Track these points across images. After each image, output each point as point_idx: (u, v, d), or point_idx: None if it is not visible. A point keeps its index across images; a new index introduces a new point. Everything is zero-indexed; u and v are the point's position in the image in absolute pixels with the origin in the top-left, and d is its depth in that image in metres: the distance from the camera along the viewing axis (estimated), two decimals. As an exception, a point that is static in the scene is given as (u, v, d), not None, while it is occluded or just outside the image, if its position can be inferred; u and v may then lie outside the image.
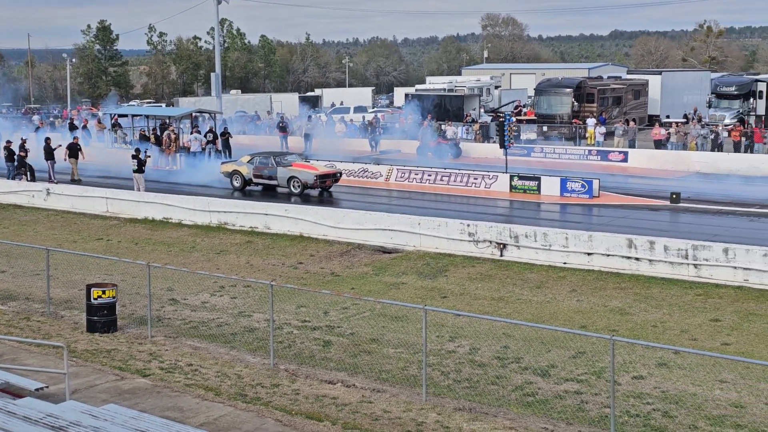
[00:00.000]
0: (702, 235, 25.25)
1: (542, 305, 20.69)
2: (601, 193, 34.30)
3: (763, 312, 19.74)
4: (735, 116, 57.99)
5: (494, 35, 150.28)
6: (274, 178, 35.61)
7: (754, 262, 21.93)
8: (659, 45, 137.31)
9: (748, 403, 14.36)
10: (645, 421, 13.79)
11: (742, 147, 45.07)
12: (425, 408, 14.45)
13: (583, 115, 56.08)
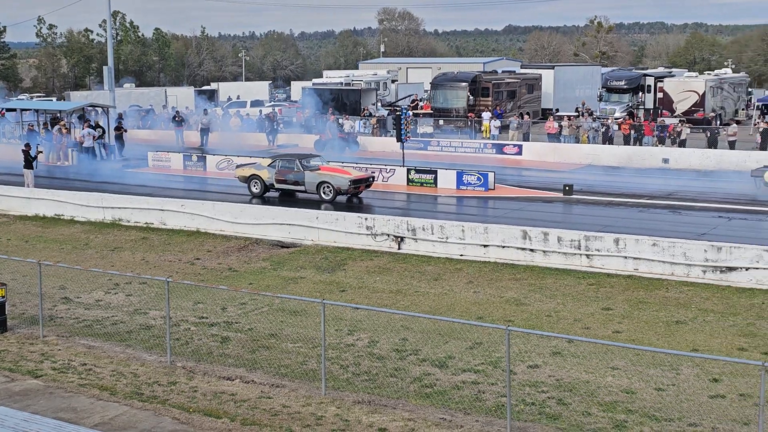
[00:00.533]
0: (594, 226, 25.87)
1: (440, 297, 20.89)
2: (496, 186, 34.81)
3: (652, 300, 20.34)
4: (625, 110, 59.61)
5: (391, 29, 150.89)
6: (300, 183, 32.27)
7: (643, 251, 22.57)
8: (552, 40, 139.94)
9: (639, 389, 14.78)
10: (540, 409, 14.07)
11: (632, 140, 46.30)
12: (324, 402, 14.45)
13: (478, 108, 56.81)
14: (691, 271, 22.02)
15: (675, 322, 18.73)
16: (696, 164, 40.51)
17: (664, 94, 58.23)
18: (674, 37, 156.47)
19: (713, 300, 20.26)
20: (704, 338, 17.66)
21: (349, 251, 25.54)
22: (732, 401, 14.24)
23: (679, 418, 13.55)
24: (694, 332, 18.05)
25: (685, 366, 15.75)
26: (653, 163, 41.28)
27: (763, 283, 21.17)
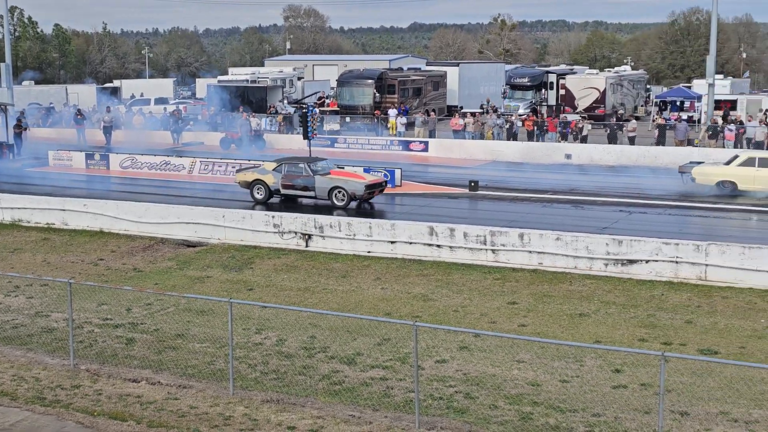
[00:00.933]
0: (499, 222, 26.22)
1: (348, 294, 20.90)
2: (403, 183, 34.99)
3: (557, 293, 20.71)
4: (528, 106, 60.63)
5: (296, 26, 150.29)
6: (310, 188, 30.40)
7: (547, 246, 22.96)
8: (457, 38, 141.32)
9: (544, 381, 15.03)
10: (448, 403, 14.19)
11: (536, 136, 47.06)
12: (233, 402, 14.32)
13: (384, 106, 57.02)
14: (594, 265, 22.49)
15: (578, 314, 19.10)
16: (598, 159, 41.40)
17: (567, 91, 59.34)
18: (576, 36, 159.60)
19: (615, 292, 20.73)
20: (607, 330, 18.05)
21: (257, 249, 25.36)
22: (634, 391, 14.59)
23: (583, 409, 13.82)
24: (597, 324, 18.44)
25: (588, 358, 16.07)
26: (556, 158, 42.03)
27: (662, 274, 21.75)
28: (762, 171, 30.89)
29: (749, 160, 31.56)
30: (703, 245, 21.58)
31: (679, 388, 14.55)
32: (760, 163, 31.26)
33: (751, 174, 31.04)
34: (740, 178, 31.30)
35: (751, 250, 21.22)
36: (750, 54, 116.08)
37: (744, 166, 31.44)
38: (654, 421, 12.87)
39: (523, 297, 20.44)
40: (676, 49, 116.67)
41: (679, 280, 21.51)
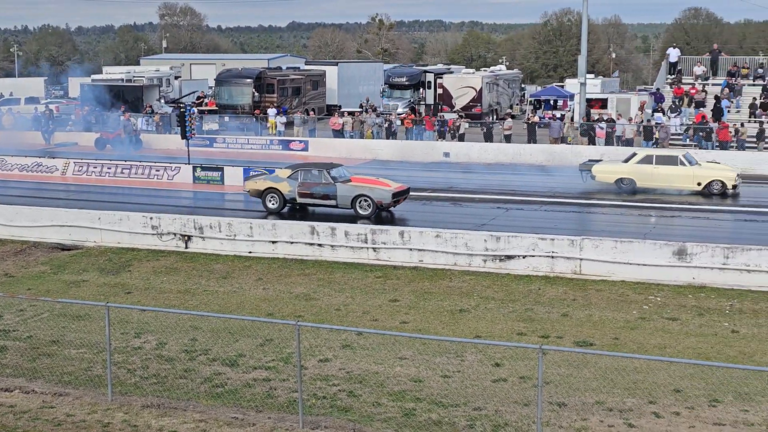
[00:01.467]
0: (380, 220, 26.34)
1: (229, 295, 20.67)
2: (283, 182, 34.73)
3: (436, 290, 20.94)
4: (407, 105, 61.12)
5: (172, 25, 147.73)
6: (331, 197, 28.14)
7: (427, 243, 23.19)
8: (335, 37, 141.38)
9: (426, 377, 15.18)
10: (332, 402, 14.18)
11: (414, 134, 47.43)
12: (111, 408, 13.97)
13: (264, 105, 56.58)
14: (473, 261, 22.84)
15: (459, 310, 19.36)
16: (475, 157, 42.02)
17: (444, 90, 60.06)
18: (452, 35, 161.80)
19: (494, 288, 21.09)
20: (486, 325, 18.35)
21: (135, 252, 24.83)
22: (513, 384, 14.88)
23: (465, 403, 14.01)
24: (477, 319, 18.73)
25: (469, 353, 16.30)
26: (435, 157, 42.50)
27: (538, 269, 22.25)
28: (659, 168, 31.85)
29: (647, 158, 32.50)
30: (578, 240, 22.17)
31: (557, 379, 14.91)
32: (658, 160, 32.21)
33: (649, 171, 31.95)
34: (639, 176, 32.15)
35: (622, 244, 21.92)
36: (619, 54, 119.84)
37: (642, 164, 32.32)
38: (533, 413, 13.14)
39: (404, 294, 20.60)
40: (549, 49, 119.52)
41: (555, 275, 22.05)
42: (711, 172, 31.84)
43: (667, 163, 31.97)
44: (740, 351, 16.77)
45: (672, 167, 31.77)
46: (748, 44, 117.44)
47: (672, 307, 19.56)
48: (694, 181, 31.65)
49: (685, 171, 31.62)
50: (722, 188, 31.37)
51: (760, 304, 19.69)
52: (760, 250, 21.15)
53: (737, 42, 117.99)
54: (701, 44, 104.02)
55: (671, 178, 31.83)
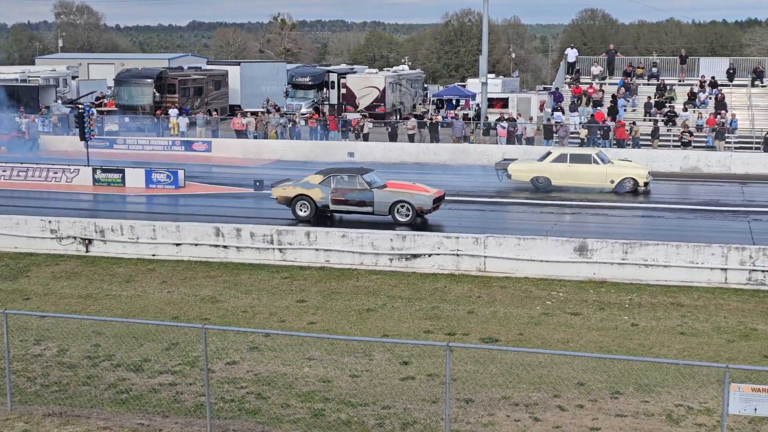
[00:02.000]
0: (286, 221, 26.25)
1: (133, 299, 20.31)
2: (186, 183, 34.36)
3: (344, 290, 20.96)
4: (311, 105, 61.01)
5: (69, 24, 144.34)
6: (368, 203, 26.95)
7: (333, 243, 23.19)
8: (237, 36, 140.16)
9: (335, 377, 15.17)
10: (240, 405, 14.06)
11: (318, 134, 47.38)
12: (11, 418, 13.57)
13: (165, 105, 55.78)
14: (379, 260, 22.92)
15: (366, 309, 19.41)
16: (380, 157, 42.19)
17: (348, 90, 60.16)
18: (355, 35, 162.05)
19: (401, 287, 21.21)
20: (394, 323, 18.44)
21: (33, 257, 24.20)
22: (421, 382, 14.98)
23: (374, 402, 14.05)
24: (385, 318, 18.80)
25: (377, 352, 16.36)
26: (339, 157, 42.52)
27: (444, 267, 22.46)
28: (573, 167, 32.45)
29: (561, 157, 33.10)
30: (482, 238, 22.44)
31: (464, 376, 15.07)
32: (572, 159, 32.86)
33: (564, 170, 32.51)
34: (554, 174, 32.67)
35: (525, 241, 22.28)
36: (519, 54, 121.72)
37: (557, 162, 32.91)
38: (441, 410, 13.25)
39: (311, 295, 20.56)
40: (451, 49, 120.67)
41: (461, 272, 22.29)
42: (623, 170, 32.64)
43: (581, 162, 32.67)
44: (640, 343, 17.22)
45: (586, 165, 32.47)
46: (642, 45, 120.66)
47: (574, 302, 19.97)
48: (607, 179, 32.41)
49: (598, 169, 32.34)
50: (634, 186, 32.19)
51: (658, 298, 20.26)
52: (657, 246, 21.76)
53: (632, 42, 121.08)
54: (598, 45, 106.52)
55: (585, 176, 32.53)
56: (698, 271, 21.39)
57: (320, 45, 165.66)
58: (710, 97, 46.54)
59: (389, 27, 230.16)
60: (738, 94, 47.68)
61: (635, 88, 48.33)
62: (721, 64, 50.70)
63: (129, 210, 30.79)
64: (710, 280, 21.29)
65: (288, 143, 44.95)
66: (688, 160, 39.15)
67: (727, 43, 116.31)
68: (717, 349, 16.86)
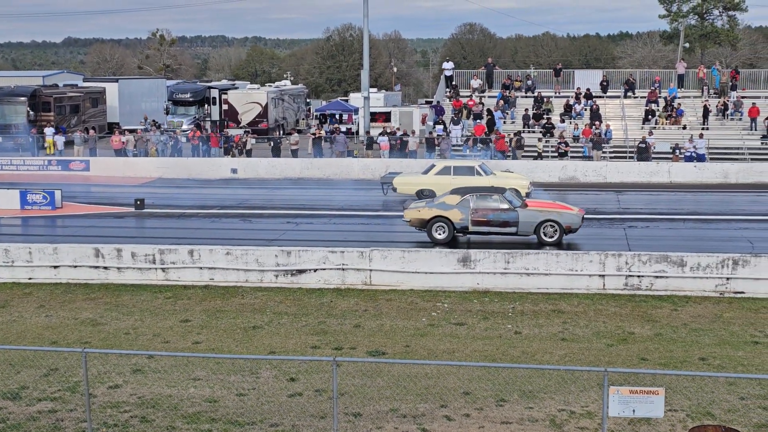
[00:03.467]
0: (168, 240, 25.84)
1: (9, 325, 19.66)
2: (64, 204, 33.49)
3: (229, 308, 20.75)
4: (192, 122, 60.25)
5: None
6: (512, 224, 25.96)
7: (217, 261, 22.95)
8: (114, 53, 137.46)
9: (221, 397, 14.99)
10: (123, 429, 13.75)
11: (201, 151, 46.87)
12: None
13: (40, 124, 54.27)
14: (265, 277, 22.79)
15: (252, 327, 19.27)
16: (263, 173, 41.97)
17: (229, 106, 59.76)
18: (236, 51, 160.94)
19: (287, 303, 21.13)
20: (280, 340, 18.36)
21: None
22: (309, 398, 14.94)
23: (261, 421, 13.95)
24: (271, 335, 18.69)
25: (264, 369, 16.25)
26: (222, 173, 42.16)
27: (330, 282, 22.48)
28: (457, 179, 32.71)
29: (445, 169, 33.47)
30: (367, 251, 22.56)
31: (352, 390, 15.10)
32: (455, 171, 33.26)
33: (448, 182, 32.70)
34: (438, 187, 32.76)
35: (410, 254, 22.50)
36: (400, 68, 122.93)
37: (441, 175, 33.24)
38: (330, 425, 13.25)
39: (195, 314, 20.29)
40: (333, 63, 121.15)
41: (347, 287, 22.35)
42: (505, 181, 33.12)
43: (464, 174, 33.10)
44: (523, 351, 17.57)
45: (469, 177, 32.86)
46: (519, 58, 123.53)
47: (459, 312, 20.24)
48: None
49: (480, 181, 32.78)
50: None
51: (539, 306, 20.72)
52: (537, 254, 22.28)
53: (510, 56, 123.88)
54: (477, 58, 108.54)
55: None
56: (577, 278, 21.99)
57: (201, 61, 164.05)
58: (585, 109, 47.98)
59: (270, 42, 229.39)
60: (612, 105, 49.31)
61: (514, 100, 49.45)
62: (595, 77, 52.31)
63: (3, 233, 29.79)
64: (589, 287, 21.90)
65: (169, 161, 44.29)
66: (566, 170, 40.25)
67: (601, 56, 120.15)
68: (597, 354, 17.34)
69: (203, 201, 34.98)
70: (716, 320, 19.63)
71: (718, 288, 21.64)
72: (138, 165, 43.66)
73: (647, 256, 21.91)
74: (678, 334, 18.64)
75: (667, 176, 39.56)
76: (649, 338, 18.35)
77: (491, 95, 50.38)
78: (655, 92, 48.57)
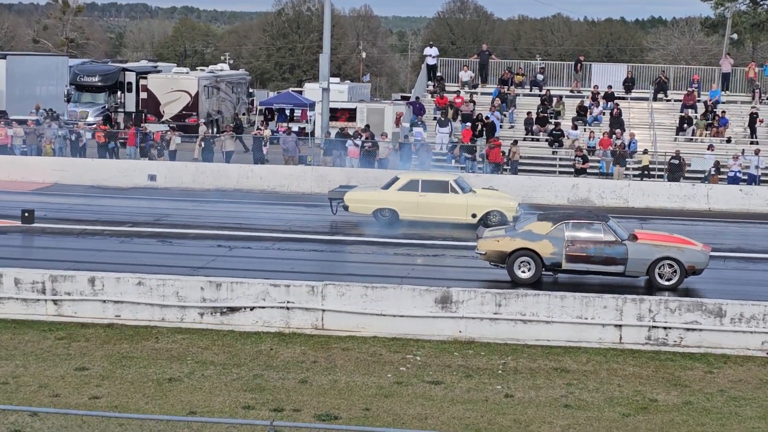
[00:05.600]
0: (64, 264, 25.70)
1: None
2: (-70, 214, 33.25)
3: (139, 354, 20.64)
4: (100, 113, 60.13)
5: None
6: (618, 261, 25.51)
7: (126, 293, 22.82)
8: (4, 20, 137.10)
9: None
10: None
11: (110, 151, 46.69)
12: None
13: None
14: (187, 315, 22.71)
15: (168, 379, 19.18)
16: (189, 181, 41.85)
17: (149, 95, 59.74)
18: (160, 24, 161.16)
19: (213, 349, 21.06)
20: (204, 397, 18.28)
21: None
22: (238, 472, 14.89)
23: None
24: (192, 390, 18.62)
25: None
26: (138, 180, 42.00)
27: (271, 324, 22.43)
28: (426, 196, 32.59)
29: (411, 184, 33.15)
30: (319, 286, 22.55)
31: (294, 464, 15.05)
32: (424, 186, 32.96)
33: (414, 200, 32.58)
34: (401, 206, 32.77)
35: (375, 290, 22.49)
36: (371, 54, 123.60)
37: (405, 191, 33.01)
38: None
39: (95, 360, 20.18)
40: (285, 45, 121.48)
41: (292, 330, 22.32)
42: (487, 200, 33.15)
43: (435, 190, 32.91)
44: (515, 419, 17.61)
45: (441, 195, 32.74)
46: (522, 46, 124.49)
47: (435, 367, 20.26)
48: (467, 212, 32.80)
49: (456, 200, 32.71)
50: (501, 221, 32.67)
51: (538, 362, 20.78)
52: (537, 296, 22.40)
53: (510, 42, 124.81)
54: (469, 44, 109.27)
55: (440, 209, 32.84)
56: (587, 328, 22.08)
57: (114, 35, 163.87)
58: (604, 113, 48.31)
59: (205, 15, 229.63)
60: (638, 110, 49.75)
61: (513, 99, 49.68)
62: (617, 72, 52.80)
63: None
64: (602, 339, 22.00)
65: (69, 161, 44.10)
66: (578, 190, 40.47)
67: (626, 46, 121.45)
68: (609, 426, 17.41)
69: (111, 215, 34.82)
70: (762, 387, 19.79)
71: (765, 346, 21.82)
72: (28, 166, 43.38)
73: (676, 302, 22.09)
74: (713, 403, 18.77)
75: (705, 202, 39.96)
76: (676, 408, 18.46)
77: (485, 92, 50.62)
78: (692, 95, 49.06)
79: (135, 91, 62.52)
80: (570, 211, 27.66)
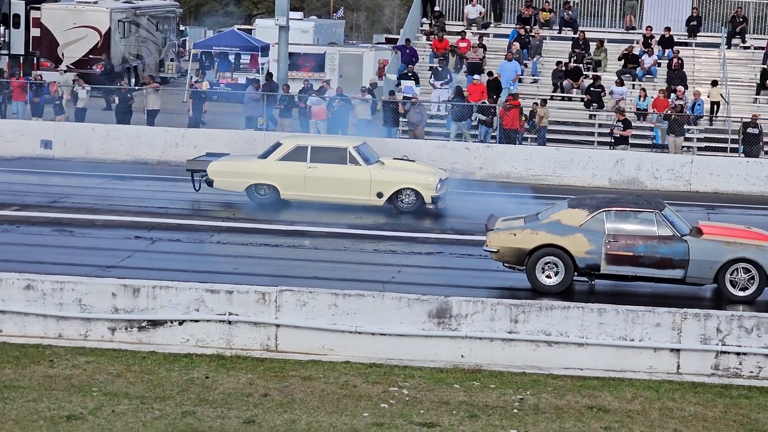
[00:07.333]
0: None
1: None
2: None
3: (26, 383, 20.57)
4: (-23, 56, 59.97)
5: None
6: (676, 264, 25.37)
7: (10, 299, 22.74)
8: None
9: None
10: None
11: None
12: None
13: None
14: (92, 330, 22.71)
15: (66, 417, 19.18)
16: (97, 151, 41.70)
17: (44, 32, 59.60)
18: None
19: (128, 376, 21.06)
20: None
21: None
22: None
23: None
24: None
25: (83, 490, 16.21)
26: (28, 148, 41.96)
27: (207, 343, 22.42)
28: (317, 168, 32.83)
29: (297, 151, 33.41)
30: (273, 292, 22.50)
31: None
32: (315, 156, 33.20)
33: (300, 173, 32.81)
34: (283, 180, 32.96)
35: (348, 300, 22.43)
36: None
37: (289, 161, 33.29)
38: None
39: (-32, 391, 20.20)
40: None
41: (235, 352, 22.30)
42: (399, 175, 33.27)
43: (329, 161, 33.18)
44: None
45: (337, 167, 32.99)
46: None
47: (428, 404, 20.28)
48: (371, 190, 32.95)
49: (357, 173, 32.65)
50: (416, 202, 32.95)
51: (567, 398, 20.79)
52: (566, 309, 22.29)
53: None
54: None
55: (335, 185, 32.97)
56: (634, 354, 22.14)
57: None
58: (660, 63, 48.29)
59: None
60: (705, 60, 49.77)
61: (538, 44, 49.60)
62: (679, 9, 52.61)
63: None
64: (653, 369, 22.07)
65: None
66: (623, 167, 40.45)
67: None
68: (662, 484, 17.50)
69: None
70: None
71: None
72: None
73: (754, 319, 22.07)
74: (801, 455, 18.87)
75: (795, 184, 40.03)
76: (752, 461, 18.55)
77: (499, 33, 50.56)
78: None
79: (24, 27, 62.34)
80: (612, 195, 27.93)
